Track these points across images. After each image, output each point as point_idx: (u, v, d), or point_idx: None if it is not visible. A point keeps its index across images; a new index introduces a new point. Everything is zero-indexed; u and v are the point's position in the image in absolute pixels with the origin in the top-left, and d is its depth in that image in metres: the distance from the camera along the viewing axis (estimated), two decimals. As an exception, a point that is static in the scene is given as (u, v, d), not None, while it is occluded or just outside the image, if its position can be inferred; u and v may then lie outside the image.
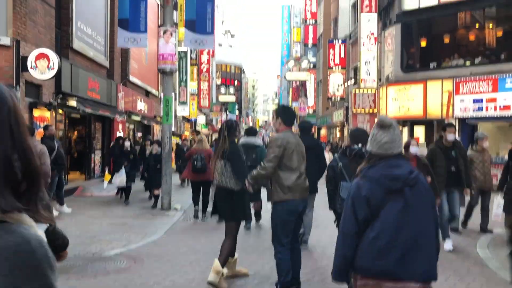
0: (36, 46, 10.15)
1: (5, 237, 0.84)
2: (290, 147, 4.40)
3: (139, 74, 19.70)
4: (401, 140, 2.69)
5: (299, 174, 4.43)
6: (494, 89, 14.89)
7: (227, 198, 4.99)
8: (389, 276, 2.44)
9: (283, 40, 54.85)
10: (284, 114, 4.67)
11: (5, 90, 0.94)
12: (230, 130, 5.08)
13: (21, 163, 0.90)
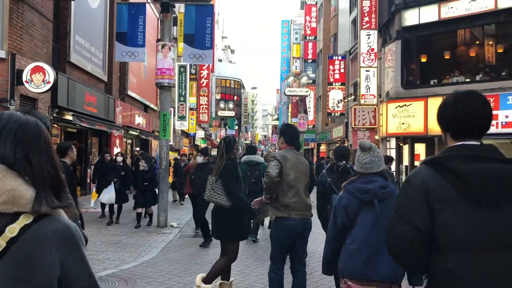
0: (32, 59, 10.01)
1: (54, 224, 1.27)
2: (287, 164, 4.31)
3: (138, 88, 19.59)
4: (381, 160, 3.21)
5: (295, 192, 4.29)
6: (495, 106, 14.75)
7: (221, 216, 4.85)
8: (358, 275, 2.97)
9: (283, 56, 55.03)
10: (285, 133, 4.67)
11: (41, 123, 1.38)
12: (228, 147, 4.95)
13: (53, 174, 1.33)
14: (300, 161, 4.51)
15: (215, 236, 5.06)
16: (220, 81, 75.52)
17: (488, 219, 1.72)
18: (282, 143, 4.62)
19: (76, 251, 1.30)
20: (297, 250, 4.43)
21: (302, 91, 23.20)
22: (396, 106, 17.31)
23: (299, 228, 4.30)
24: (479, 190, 1.73)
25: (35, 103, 10.41)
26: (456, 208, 1.74)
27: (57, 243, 1.26)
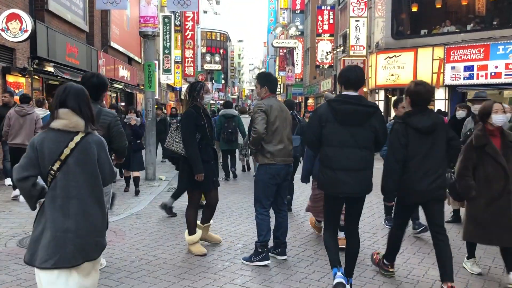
0: (7, 6, 9.47)
1: (94, 137, 2.72)
2: (273, 113, 4.47)
3: (121, 40, 18.94)
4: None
5: (280, 139, 4.50)
6: (485, 57, 14.63)
7: (184, 166, 4.87)
8: None
9: (270, 7, 53.61)
10: (269, 81, 4.71)
11: (84, 89, 2.86)
12: (191, 93, 4.85)
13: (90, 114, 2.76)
14: (283, 108, 4.67)
15: (181, 184, 5.08)
16: (206, 33, 73.72)
17: (347, 132, 3.63)
18: (265, 92, 4.66)
19: (104, 149, 2.78)
20: (280, 192, 4.66)
21: (290, 42, 22.72)
22: (385, 57, 17.08)
23: (283, 172, 4.55)
24: (343, 117, 3.64)
25: (13, 53, 9.96)
26: (332, 125, 3.66)
27: (96, 144, 2.72)
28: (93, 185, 2.70)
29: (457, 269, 4.38)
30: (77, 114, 2.66)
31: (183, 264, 4.52)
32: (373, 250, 4.99)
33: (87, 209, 2.68)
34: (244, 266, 4.47)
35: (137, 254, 4.81)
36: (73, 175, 2.63)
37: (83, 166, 2.66)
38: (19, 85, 10.05)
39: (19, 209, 6.76)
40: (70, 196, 2.64)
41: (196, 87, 4.86)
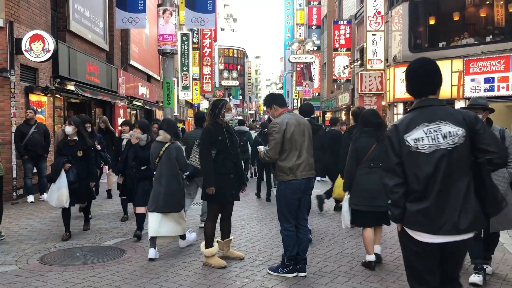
0: (31, 28, 9.74)
1: (175, 145, 5.40)
2: (289, 129, 4.45)
3: (140, 58, 19.27)
4: None
5: (299, 154, 4.48)
6: (506, 68, 14.39)
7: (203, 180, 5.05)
8: None
9: (286, 23, 53.99)
10: (274, 99, 4.77)
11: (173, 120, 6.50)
12: (213, 110, 4.94)
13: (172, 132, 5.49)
14: (300, 121, 4.64)
15: (201, 197, 5.19)
16: (223, 50, 74.59)
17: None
18: (276, 109, 4.69)
19: (180, 151, 5.39)
20: (300, 207, 4.64)
21: (307, 57, 22.74)
22: (403, 70, 16.88)
23: (303, 187, 4.54)
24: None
25: (36, 73, 10.20)
26: None
27: (175, 148, 5.31)
28: (173, 170, 5.28)
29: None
30: (167, 132, 5.36)
31: (202, 280, 4.49)
32: (394, 266, 4.89)
33: (170, 182, 5.26)
34: (264, 282, 4.42)
35: (157, 270, 4.80)
36: (164, 164, 5.27)
37: (168, 160, 5.26)
38: (41, 104, 10.27)
39: (40, 226, 6.84)
40: (162, 175, 5.27)
41: (218, 104, 4.96)
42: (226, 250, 5.18)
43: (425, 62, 2.83)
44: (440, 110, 2.73)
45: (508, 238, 6.04)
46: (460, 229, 2.54)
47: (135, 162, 6.11)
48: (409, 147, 2.65)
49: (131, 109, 18.66)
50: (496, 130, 4.35)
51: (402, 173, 2.67)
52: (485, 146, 2.60)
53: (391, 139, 2.73)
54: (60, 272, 4.74)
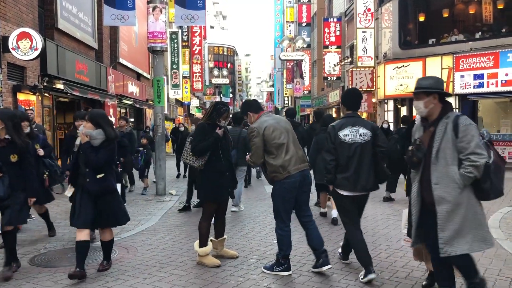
0: (18, 25, 9.59)
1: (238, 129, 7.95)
2: (268, 130, 4.46)
3: (130, 56, 19.10)
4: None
5: (286, 149, 4.46)
6: (495, 64, 14.52)
7: (198, 178, 5.05)
8: None
9: (276, 20, 53.92)
10: (248, 106, 4.80)
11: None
12: (212, 113, 4.93)
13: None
14: (278, 119, 4.67)
15: (197, 196, 5.17)
16: (213, 48, 74.35)
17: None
18: (252, 116, 4.72)
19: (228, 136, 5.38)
20: (300, 204, 4.58)
21: (297, 55, 22.74)
22: (394, 67, 17.02)
23: (298, 184, 4.47)
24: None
25: (23, 71, 10.05)
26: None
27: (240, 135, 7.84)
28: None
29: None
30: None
31: (196, 280, 4.44)
32: (389, 263, 4.88)
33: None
34: (259, 281, 4.38)
35: (150, 271, 4.74)
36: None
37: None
38: (29, 103, 10.12)
39: (30, 227, 6.73)
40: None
41: (220, 109, 4.93)
42: (220, 249, 5.14)
43: (356, 91, 4.51)
44: (359, 119, 4.51)
45: (500, 233, 6.08)
46: (366, 188, 4.39)
47: (88, 168, 4.47)
48: (340, 139, 4.37)
49: (121, 107, 18.50)
50: (451, 117, 3.33)
51: (335, 154, 4.36)
52: (379, 143, 4.42)
53: (330, 133, 4.43)
54: (51, 274, 4.66)
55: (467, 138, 3.23)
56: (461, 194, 3.26)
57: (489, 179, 3.21)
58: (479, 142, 3.23)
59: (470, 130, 3.24)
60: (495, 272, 4.55)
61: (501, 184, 3.31)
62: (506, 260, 4.95)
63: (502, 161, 3.37)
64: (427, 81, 3.54)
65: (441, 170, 3.30)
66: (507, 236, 5.92)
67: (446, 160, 3.29)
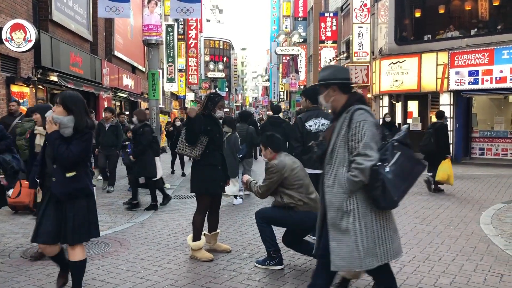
0: (11, 17, 9.51)
1: (235, 134, 7.93)
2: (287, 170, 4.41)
3: (125, 49, 19.00)
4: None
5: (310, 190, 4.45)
6: (490, 61, 14.55)
7: (192, 170, 5.03)
8: None
9: (272, 15, 53.77)
10: (270, 142, 4.58)
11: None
12: (207, 103, 4.93)
13: None
14: (295, 160, 4.56)
15: (191, 190, 5.11)
16: (209, 42, 74.07)
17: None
18: (270, 153, 4.54)
19: (238, 139, 7.87)
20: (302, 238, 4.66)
21: (293, 49, 22.72)
22: (389, 63, 17.02)
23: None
24: None
25: (17, 63, 9.98)
26: None
27: (234, 137, 7.88)
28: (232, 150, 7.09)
29: (460, 265, 4.31)
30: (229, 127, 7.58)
31: (189, 274, 4.45)
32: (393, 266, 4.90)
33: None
34: (251, 275, 4.39)
35: (142, 264, 4.74)
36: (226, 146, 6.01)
37: (228, 144, 6.95)
38: (23, 95, 10.05)
39: (23, 220, 6.71)
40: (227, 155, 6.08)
41: (214, 99, 4.96)
42: (213, 243, 5.15)
43: (317, 88, 3.78)
44: (320, 112, 5.43)
45: (492, 230, 6.12)
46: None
47: (56, 165, 3.50)
48: (306, 128, 5.32)
49: (116, 100, 18.43)
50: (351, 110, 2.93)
51: (301, 141, 5.28)
52: None
53: (298, 124, 5.41)
54: (43, 267, 4.65)
55: (357, 137, 2.81)
56: (349, 200, 2.84)
57: (380, 185, 2.73)
58: (370, 142, 2.79)
59: (362, 128, 2.81)
60: (486, 268, 4.59)
61: (397, 193, 2.78)
62: (497, 256, 4.98)
63: (416, 165, 2.91)
64: (324, 72, 3.15)
65: (333, 171, 2.91)
66: (499, 233, 5.97)
67: (337, 161, 2.90)
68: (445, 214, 7.15)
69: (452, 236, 5.80)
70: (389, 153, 2.79)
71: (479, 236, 5.81)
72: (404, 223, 6.55)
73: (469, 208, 7.61)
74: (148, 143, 7.61)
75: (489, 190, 9.61)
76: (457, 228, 6.26)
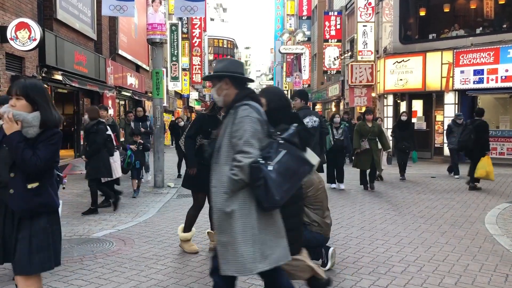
0: (16, 16, 9.53)
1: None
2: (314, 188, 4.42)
3: (129, 48, 19.03)
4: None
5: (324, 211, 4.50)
6: (495, 60, 14.48)
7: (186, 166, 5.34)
8: None
9: (276, 13, 53.67)
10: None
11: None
12: (215, 106, 5.01)
13: None
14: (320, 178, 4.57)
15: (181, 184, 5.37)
16: (213, 41, 74.06)
17: None
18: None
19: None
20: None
21: (297, 48, 22.66)
22: (394, 62, 16.97)
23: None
24: None
25: (22, 62, 10.01)
26: None
27: None
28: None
29: (465, 265, 4.28)
30: None
31: (193, 273, 4.45)
32: (385, 258, 4.88)
33: None
34: (255, 275, 4.37)
35: (147, 263, 4.74)
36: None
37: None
38: (28, 94, 10.08)
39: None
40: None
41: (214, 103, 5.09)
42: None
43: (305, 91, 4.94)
44: (311, 111, 6.57)
45: (497, 229, 6.09)
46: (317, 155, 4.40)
47: (14, 173, 2.75)
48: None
49: (120, 99, 18.47)
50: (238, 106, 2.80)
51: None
52: (323, 126, 6.75)
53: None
54: (47, 265, 4.66)
55: (239, 133, 2.66)
56: (230, 200, 2.68)
57: (262, 184, 2.57)
58: (251, 139, 2.63)
59: (244, 124, 2.66)
60: (492, 268, 4.56)
61: (280, 193, 2.60)
62: (502, 256, 4.95)
63: (302, 166, 2.74)
64: (218, 64, 3.00)
65: (219, 170, 2.77)
66: (504, 232, 5.94)
67: (222, 159, 2.77)
68: (450, 214, 7.12)
69: (457, 236, 5.78)
70: (273, 151, 2.65)
71: (484, 236, 5.78)
72: (409, 222, 6.53)
73: (474, 208, 7.58)
74: (103, 142, 7.15)
75: (494, 189, 9.56)
76: (462, 227, 6.23)
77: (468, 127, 9.52)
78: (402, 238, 5.66)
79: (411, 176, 10.67)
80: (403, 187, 9.91)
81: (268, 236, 2.71)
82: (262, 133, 2.72)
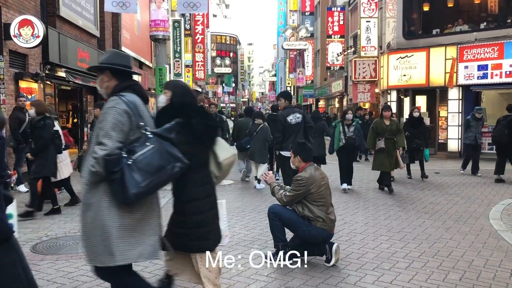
0: (19, 13, 9.53)
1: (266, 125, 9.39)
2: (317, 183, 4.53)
3: (132, 44, 19.01)
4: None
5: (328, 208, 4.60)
6: (500, 55, 14.40)
7: None
8: None
9: (279, 9, 53.58)
10: (302, 151, 4.70)
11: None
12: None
13: None
14: (322, 174, 4.67)
15: None
16: (216, 37, 74.02)
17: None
18: (299, 161, 4.69)
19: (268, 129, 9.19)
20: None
21: (300, 44, 22.61)
22: (397, 57, 16.89)
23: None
24: None
25: (25, 59, 10.01)
26: None
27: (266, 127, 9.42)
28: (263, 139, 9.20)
29: (470, 261, 4.27)
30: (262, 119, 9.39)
31: (197, 269, 4.45)
32: (390, 253, 4.88)
33: (261, 146, 9.25)
34: (260, 270, 4.39)
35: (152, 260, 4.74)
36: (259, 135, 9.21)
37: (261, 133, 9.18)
38: (31, 91, 10.10)
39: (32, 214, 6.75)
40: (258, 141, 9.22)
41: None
42: None
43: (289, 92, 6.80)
44: (294, 109, 7.41)
45: (502, 225, 6.08)
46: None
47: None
48: (287, 122, 7.07)
49: (123, 96, 18.47)
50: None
51: (282, 132, 7.08)
52: (307, 121, 7.41)
53: (281, 119, 7.19)
54: (52, 261, 4.68)
55: (102, 124, 2.60)
56: (91, 193, 2.62)
57: (118, 178, 2.51)
58: (111, 131, 2.56)
59: (108, 115, 2.59)
60: (496, 263, 4.56)
61: (136, 187, 2.52)
62: (507, 251, 4.95)
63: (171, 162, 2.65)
64: (103, 56, 2.96)
65: (87, 160, 2.71)
66: (509, 228, 5.93)
67: (90, 149, 2.71)
68: (454, 209, 7.11)
69: (461, 232, 5.77)
70: (138, 145, 2.61)
71: (489, 232, 5.77)
72: (413, 218, 6.52)
73: (478, 203, 7.56)
74: (50, 138, 6.68)
75: (499, 185, 9.53)
76: (466, 223, 6.22)
77: (501, 123, 9.83)
78: (406, 234, 5.66)
79: (415, 172, 10.64)
80: (407, 183, 9.90)
81: (127, 232, 2.65)
82: (129, 126, 2.64)
